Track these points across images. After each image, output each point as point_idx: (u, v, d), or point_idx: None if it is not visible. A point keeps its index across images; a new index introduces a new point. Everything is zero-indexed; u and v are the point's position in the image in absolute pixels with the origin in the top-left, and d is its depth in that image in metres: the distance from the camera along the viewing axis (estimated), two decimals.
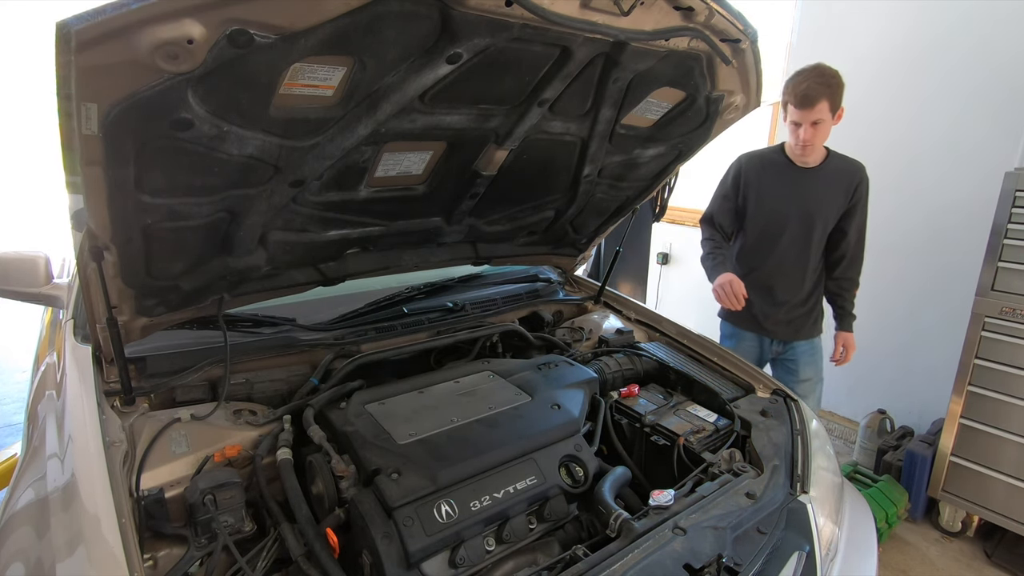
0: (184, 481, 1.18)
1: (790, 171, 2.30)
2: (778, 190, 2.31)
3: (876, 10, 3.23)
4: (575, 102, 1.47)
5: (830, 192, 2.25)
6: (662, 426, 1.57)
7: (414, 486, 1.15)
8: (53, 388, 1.44)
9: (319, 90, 1.07)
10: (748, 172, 2.38)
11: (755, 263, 2.41)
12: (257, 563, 1.10)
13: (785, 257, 2.34)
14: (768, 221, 2.34)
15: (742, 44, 1.38)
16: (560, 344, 1.98)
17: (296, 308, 1.79)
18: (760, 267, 2.39)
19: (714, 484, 1.33)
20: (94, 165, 0.94)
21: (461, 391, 1.53)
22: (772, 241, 2.34)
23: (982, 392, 2.56)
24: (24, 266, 1.73)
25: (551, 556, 1.20)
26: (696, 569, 1.07)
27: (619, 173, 1.88)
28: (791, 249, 2.32)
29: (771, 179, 2.33)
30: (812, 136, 2.11)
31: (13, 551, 1.01)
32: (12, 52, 8.39)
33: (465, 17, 1.02)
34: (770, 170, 2.34)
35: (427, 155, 1.48)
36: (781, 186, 2.31)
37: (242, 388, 1.51)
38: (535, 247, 2.20)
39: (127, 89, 0.85)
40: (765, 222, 2.35)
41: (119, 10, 0.76)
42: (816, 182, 2.26)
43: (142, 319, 1.39)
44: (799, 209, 2.28)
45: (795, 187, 2.28)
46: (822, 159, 2.27)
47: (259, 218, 1.32)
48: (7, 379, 4.43)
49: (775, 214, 2.32)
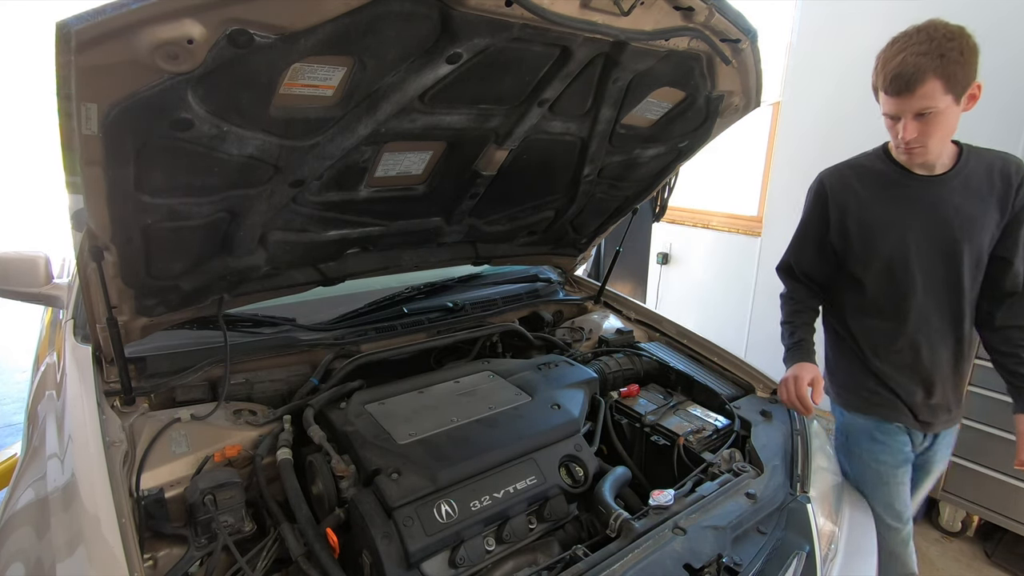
0: (184, 481, 1.18)
1: (906, 183, 1.55)
2: (893, 213, 1.55)
3: (876, 10, 3.23)
4: (575, 102, 1.47)
5: (975, 205, 1.50)
6: (662, 426, 1.57)
7: (414, 486, 1.15)
8: (53, 388, 1.44)
9: (319, 90, 1.07)
10: (839, 194, 1.64)
11: (884, 329, 1.62)
12: (257, 563, 1.10)
13: (926, 311, 1.57)
14: (888, 262, 1.57)
15: (742, 44, 1.38)
16: (560, 344, 1.98)
17: (296, 308, 1.79)
18: (894, 335, 1.61)
19: (714, 484, 1.33)
20: (94, 165, 0.94)
21: (461, 391, 1.53)
22: (901, 291, 1.58)
23: (982, 392, 2.56)
24: (24, 266, 1.73)
25: (551, 556, 1.20)
26: (696, 569, 1.07)
27: (619, 173, 1.88)
28: (932, 297, 1.56)
29: (878, 199, 1.58)
30: (918, 134, 1.41)
31: (13, 551, 1.01)
32: (12, 52, 8.39)
33: (465, 17, 1.02)
34: (873, 186, 1.59)
35: (427, 155, 1.48)
36: (896, 207, 1.55)
37: (242, 388, 1.51)
38: (535, 247, 2.20)
39: (127, 89, 0.85)
40: (883, 264, 1.58)
41: (119, 10, 0.76)
42: (951, 194, 1.51)
43: (142, 319, 1.39)
44: (934, 236, 1.52)
45: (920, 206, 1.53)
46: (953, 160, 1.53)
47: (259, 218, 1.32)
48: (7, 379, 4.43)
49: (897, 250, 1.55)
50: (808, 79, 3.61)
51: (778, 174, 3.88)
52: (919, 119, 1.39)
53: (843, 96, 3.40)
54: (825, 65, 3.49)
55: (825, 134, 3.52)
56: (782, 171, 3.85)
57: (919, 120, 1.39)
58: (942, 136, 1.43)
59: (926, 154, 1.47)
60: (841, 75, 3.39)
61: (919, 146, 1.43)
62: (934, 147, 1.45)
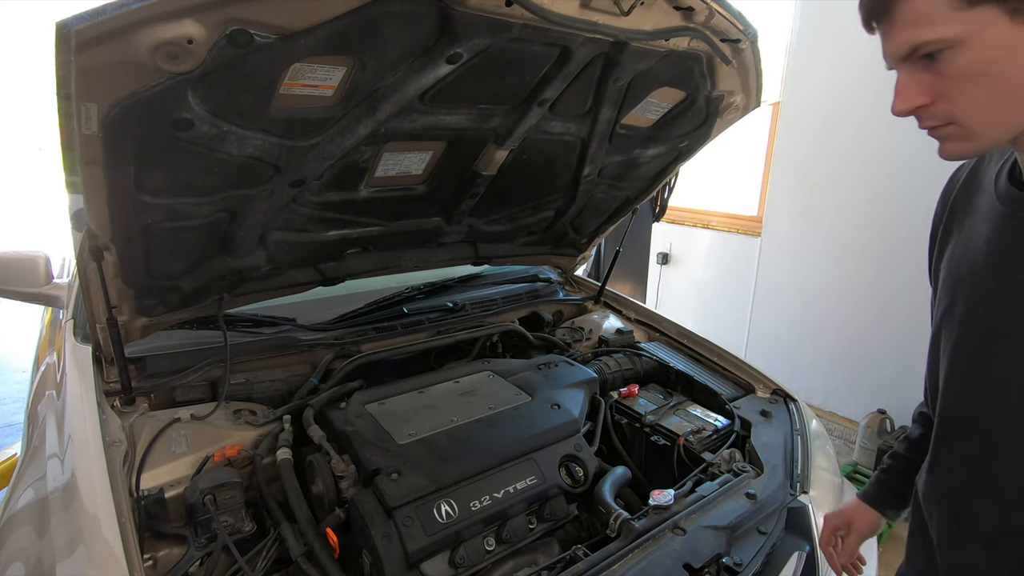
0: (184, 481, 1.18)
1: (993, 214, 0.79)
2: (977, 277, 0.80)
3: None
4: (575, 102, 1.47)
5: None
6: (662, 426, 1.57)
7: (414, 486, 1.15)
8: (53, 388, 1.44)
9: (319, 90, 1.07)
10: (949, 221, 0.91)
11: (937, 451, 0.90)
12: (257, 563, 1.10)
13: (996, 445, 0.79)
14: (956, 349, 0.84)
15: (742, 44, 1.38)
16: (560, 344, 1.98)
17: (296, 308, 1.79)
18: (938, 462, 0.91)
19: (714, 484, 1.33)
20: (94, 165, 0.94)
21: (461, 391, 1.53)
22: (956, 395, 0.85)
23: None
24: (24, 266, 1.73)
25: (551, 556, 1.20)
26: (696, 569, 1.07)
27: (619, 173, 1.88)
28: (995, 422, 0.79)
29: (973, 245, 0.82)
30: (932, 99, 0.66)
31: (13, 551, 1.01)
32: (12, 52, 8.40)
33: (465, 17, 1.02)
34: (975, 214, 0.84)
35: (427, 155, 1.48)
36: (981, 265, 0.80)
37: (242, 388, 1.51)
38: (535, 247, 2.20)
39: (127, 89, 0.85)
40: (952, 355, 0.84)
41: (119, 10, 0.76)
42: None
43: (142, 319, 1.39)
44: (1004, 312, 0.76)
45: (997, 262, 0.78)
46: None
47: (259, 218, 1.32)
48: (7, 379, 4.43)
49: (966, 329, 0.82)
50: (808, 79, 3.61)
51: (778, 174, 3.89)
52: (926, 69, 0.65)
53: (843, 96, 3.41)
54: (825, 65, 3.49)
55: (825, 134, 3.52)
56: (782, 171, 3.85)
57: (928, 72, 0.65)
58: (995, 93, 0.63)
59: (968, 142, 0.67)
60: (841, 75, 3.39)
61: (943, 123, 0.67)
62: (979, 122, 0.65)
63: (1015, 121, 0.65)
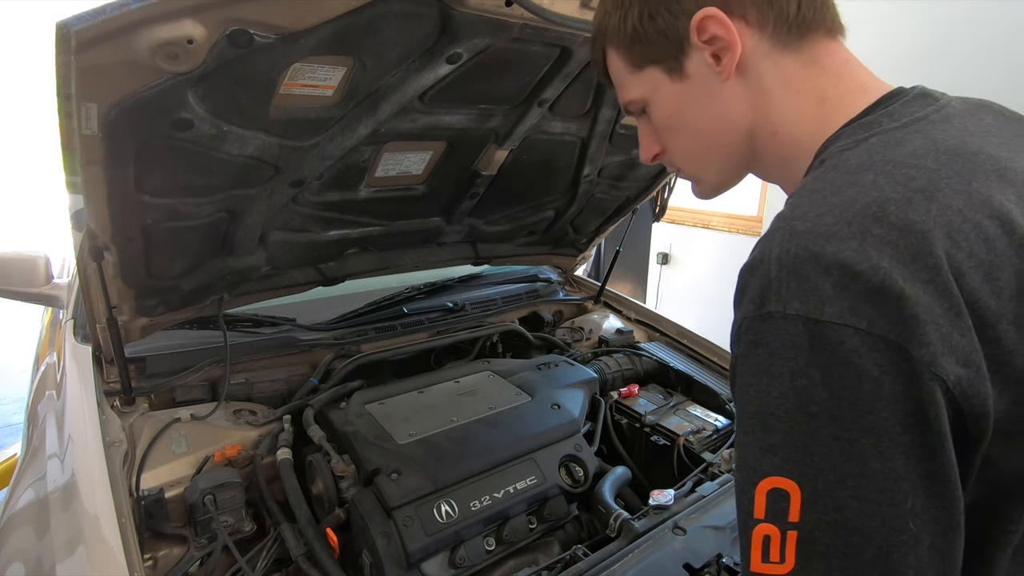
0: (184, 481, 1.18)
1: None
2: None
3: (877, 10, 3.23)
4: (575, 102, 1.47)
5: None
6: (662, 426, 1.57)
7: (414, 486, 1.15)
8: (53, 388, 1.44)
9: (319, 90, 1.07)
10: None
11: None
12: (257, 563, 1.10)
13: None
14: None
15: None
16: (560, 344, 1.98)
17: (296, 308, 1.79)
18: None
19: (714, 484, 1.32)
20: (94, 165, 0.94)
21: (461, 391, 1.53)
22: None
23: None
24: (24, 266, 1.73)
25: (551, 556, 1.20)
26: (696, 569, 1.07)
27: (619, 173, 1.88)
28: None
29: None
30: (652, 147, 0.74)
31: (13, 551, 1.01)
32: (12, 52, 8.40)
33: (465, 17, 1.02)
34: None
35: (427, 155, 1.48)
36: None
37: (242, 388, 1.51)
38: (535, 247, 2.20)
39: (127, 89, 0.85)
40: None
41: (119, 10, 0.76)
42: None
43: (142, 319, 1.39)
44: None
45: None
46: None
47: (259, 218, 1.32)
48: (7, 379, 4.43)
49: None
50: None
51: None
52: (649, 123, 0.72)
53: None
54: None
55: None
56: None
57: (651, 125, 0.72)
58: (688, 140, 0.69)
59: (697, 184, 0.74)
60: None
61: (677, 168, 0.74)
62: (691, 167, 0.73)
63: (719, 164, 0.70)
